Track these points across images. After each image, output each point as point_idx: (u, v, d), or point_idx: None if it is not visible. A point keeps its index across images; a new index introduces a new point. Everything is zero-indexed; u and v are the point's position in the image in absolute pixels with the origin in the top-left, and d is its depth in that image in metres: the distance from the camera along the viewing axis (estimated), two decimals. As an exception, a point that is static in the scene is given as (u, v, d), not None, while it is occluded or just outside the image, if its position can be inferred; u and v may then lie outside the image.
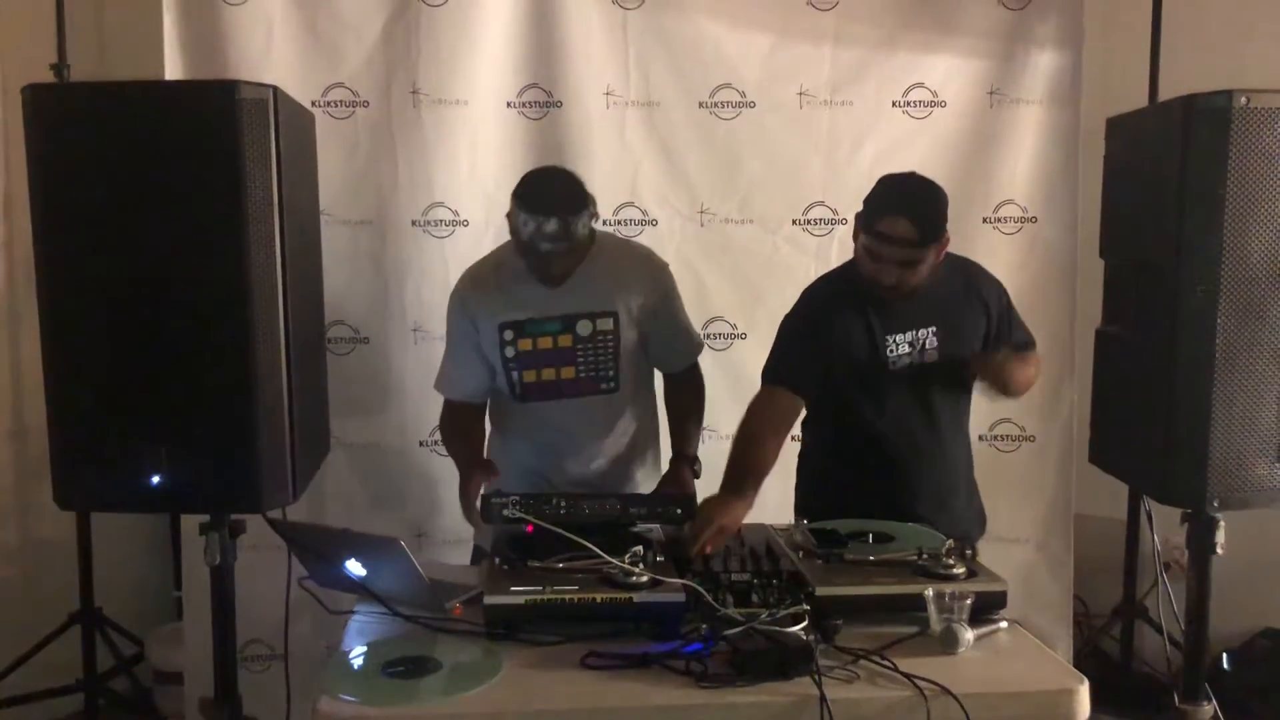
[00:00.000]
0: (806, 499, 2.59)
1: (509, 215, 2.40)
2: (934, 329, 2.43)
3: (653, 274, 2.62)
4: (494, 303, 2.53)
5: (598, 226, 2.46)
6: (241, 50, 3.06)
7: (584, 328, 2.52)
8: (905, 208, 2.30)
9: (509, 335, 2.52)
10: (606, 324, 2.53)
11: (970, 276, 2.53)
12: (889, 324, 2.42)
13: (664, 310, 2.62)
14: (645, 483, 2.67)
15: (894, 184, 2.38)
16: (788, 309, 2.54)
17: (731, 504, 2.26)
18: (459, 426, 2.66)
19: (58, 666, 3.39)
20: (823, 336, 2.43)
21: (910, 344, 2.43)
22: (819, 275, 2.64)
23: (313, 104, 3.05)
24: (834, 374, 2.44)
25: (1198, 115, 1.97)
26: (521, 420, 2.62)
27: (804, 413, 2.53)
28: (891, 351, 2.42)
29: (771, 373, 2.48)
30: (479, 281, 2.60)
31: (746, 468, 2.34)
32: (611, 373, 2.56)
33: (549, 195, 2.36)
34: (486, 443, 2.71)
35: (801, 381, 2.43)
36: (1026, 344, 2.60)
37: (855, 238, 2.40)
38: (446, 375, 2.67)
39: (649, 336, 2.61)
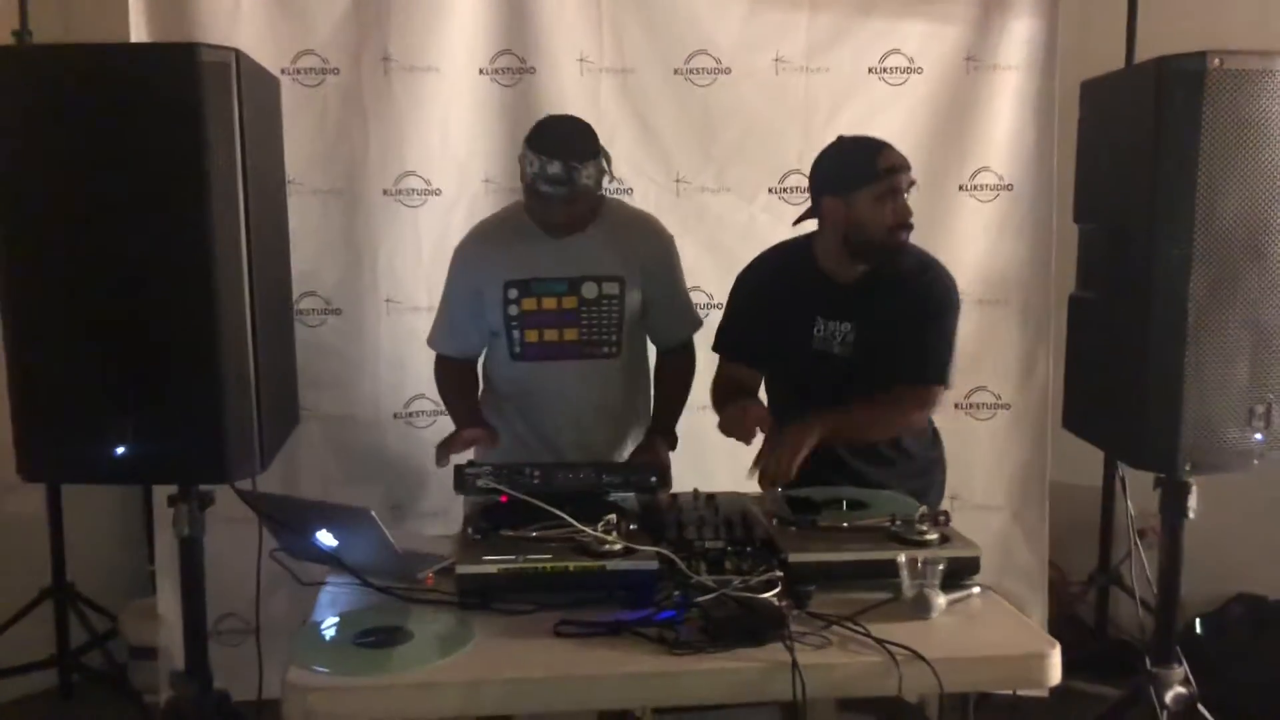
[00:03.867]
0: None
1: (520, 158, 2.39)
2: (850, 325, 2.41)
3: (659, 242, 2.62)
4: (499, 260, 2.51)
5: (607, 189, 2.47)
6: (209, 18, 3.00)
7: (589, 290, 2.51)
8: (880, 142, 2.38)
9: (513, 294, 2.50)
10: (612, 288, 2.52)
11: (923, 282, 2.41)
12: (824, 308, 2.43)
13: (667, 280, 2.62)
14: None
15: (849, 140, 2.44)
16: None
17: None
18: (455, 383, 2.66)
19: (31, 642, 3.36)
20: (765, 310, 2.47)
21: (833, 333, 2.43)
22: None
23: (282, 71, 2.99)
24: (772, 347, 2.51)
25: (1171, 77, 1.97)
26: (516, 381, 2.60)
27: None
28: (817, 332, 2.44)
29: (725, 347, 2.55)
30: (486, 237, 2.58)
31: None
32: (614, 338, 2.54)
33: (557, 138, 2.36)
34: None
35: (751, 355, 2.52)
36: (916, 378, 2.42)
37: (831, 214, 2.38)
38: (441, 330, 2.65)
39: (650, 306, 2.60)
